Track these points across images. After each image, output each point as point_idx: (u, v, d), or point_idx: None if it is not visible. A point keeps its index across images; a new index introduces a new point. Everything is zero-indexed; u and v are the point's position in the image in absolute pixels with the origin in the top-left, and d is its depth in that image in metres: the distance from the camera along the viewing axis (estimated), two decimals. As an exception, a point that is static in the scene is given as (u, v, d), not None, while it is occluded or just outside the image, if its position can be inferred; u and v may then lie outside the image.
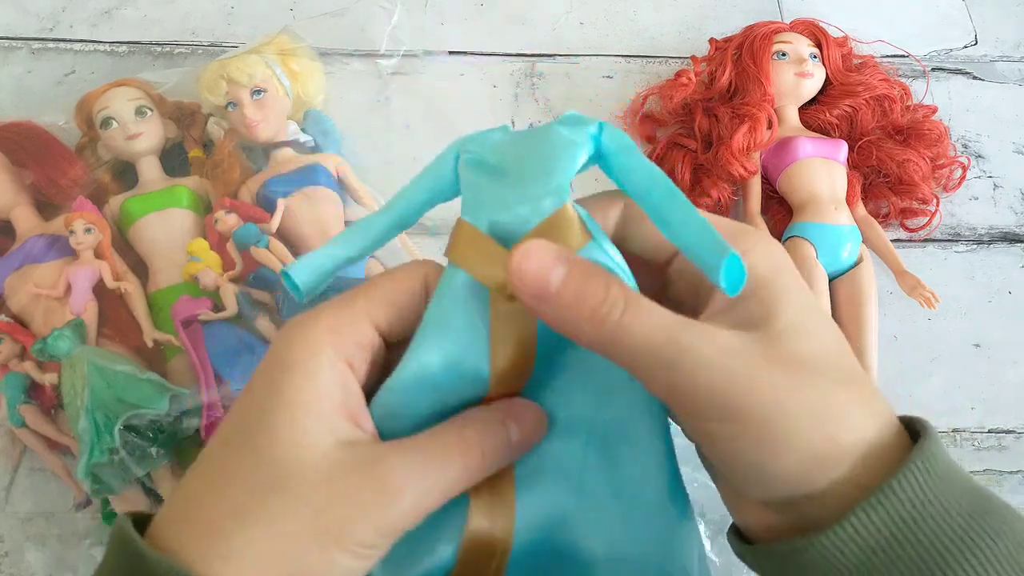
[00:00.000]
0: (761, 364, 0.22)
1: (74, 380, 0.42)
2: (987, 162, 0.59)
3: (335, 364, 0.23)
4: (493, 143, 0.24)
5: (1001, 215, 0.57)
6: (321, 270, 0.25)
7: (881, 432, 0.22)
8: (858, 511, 0.21)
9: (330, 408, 0.22)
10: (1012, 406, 0.50)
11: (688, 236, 0.22)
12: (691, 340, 0.22)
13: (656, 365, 0.22)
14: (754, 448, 0.22)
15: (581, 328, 0.22)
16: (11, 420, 0.43)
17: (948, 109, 0.61)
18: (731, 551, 0.27)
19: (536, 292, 0.22)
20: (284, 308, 0.47)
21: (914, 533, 0.21)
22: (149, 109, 0.52)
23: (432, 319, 0.24)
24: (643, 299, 0.22)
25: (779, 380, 0.22)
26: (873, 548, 0.21)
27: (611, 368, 0.23)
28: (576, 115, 0.24)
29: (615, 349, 0.22)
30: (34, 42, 0.61)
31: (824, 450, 0.22)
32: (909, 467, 0.21)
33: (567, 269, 0.22)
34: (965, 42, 0.65)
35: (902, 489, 0.21)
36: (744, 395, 0.22)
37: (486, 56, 0.61)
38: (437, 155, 0.26)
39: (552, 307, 0.22)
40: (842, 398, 0.22)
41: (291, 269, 0.25)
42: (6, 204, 0.50)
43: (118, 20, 0.62)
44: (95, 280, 0.47)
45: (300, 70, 0.54)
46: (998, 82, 0.63)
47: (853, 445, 0.22)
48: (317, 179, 0.51)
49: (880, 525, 0.21)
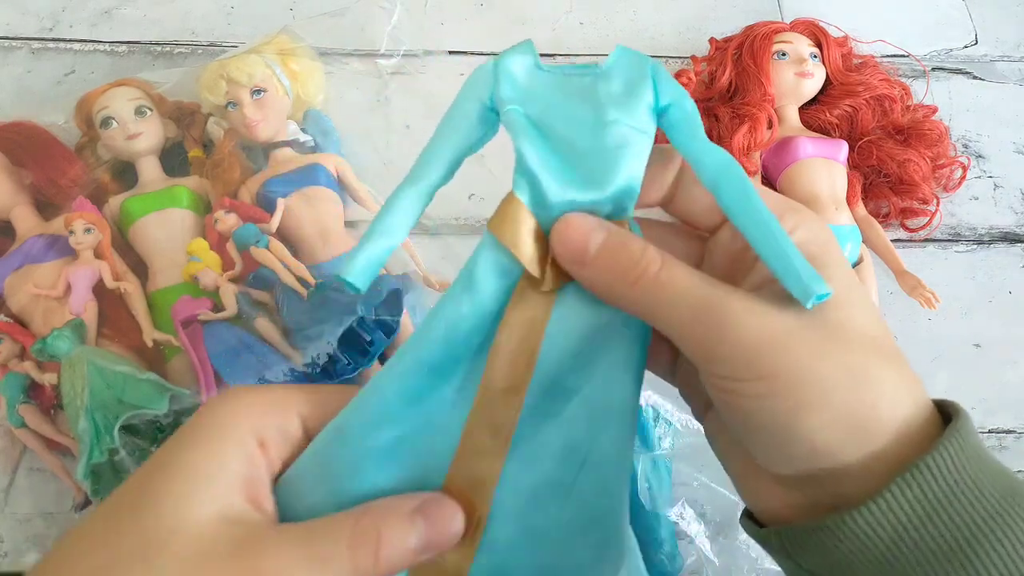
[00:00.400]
0: (800, 326, 0.22)
1: (74, 380, 0.42)
2: (987, 162, 0.59)
3: (244, 440, 0.22)
4: (527, 88, 0.24)
5: (1001, 215, 0.57)
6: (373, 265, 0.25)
7: (917, 410, 0.22)
8: (893, 487, 0.21)
9: (225, 482, 0.21)
10: (1012, 406, 0.50)
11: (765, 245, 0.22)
12: (729, 297, 0.22)
13: (692, 319, 0.22)
14: (784, 407, 0.21)
15: (617, 288, 0.23)
16: (10, 420, 0.43)
17: (948, 109, 0.61)
18: (731, 552, 0.27)
19: (576, 256, 0.23)
20: (283, 308, 0.47)
21: (947, 511, 0.21)
22: (149, 109, 0.52)
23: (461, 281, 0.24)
24: (679, 261, 0.23)
25: (818, 343, 0.22)
26: (905, 526, 0.21)
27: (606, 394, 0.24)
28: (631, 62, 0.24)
29: (651, 305, 0.22)
30: (34, 42, 0.61)
31: (859, 419, 0.22)
32: (944, 445, 0.21)
33: (606, 235, 0.23)
34: (965, 42, 0.65)
35: (937, 467, 0.21)
36: (780, 353, 0.21)
37: (486, 56, 0.61)
38: (455, 105, 0.25)
39: (590, 269, 0.23)
40: (881, 370, 0.22)
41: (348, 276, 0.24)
42: (6, 204, 0.50)
43: (118, 20, 0.62)
44: (95, 280, 0.47)
45: (300, 70, 0.54)
46: (998, 82, 0.63)
47: (889, 418, 0.22)
48: (317, 179, 0.51)
49: (914, 502, 0.21)
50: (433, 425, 0.25)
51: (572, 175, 0.23)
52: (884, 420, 0.22)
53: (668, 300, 0.22)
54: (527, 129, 0.23)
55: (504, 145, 0.24)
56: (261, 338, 0.46)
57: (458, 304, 0.24)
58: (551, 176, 0.23)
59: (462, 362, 0.25)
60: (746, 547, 0.44)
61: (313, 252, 0.49)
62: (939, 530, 0.21)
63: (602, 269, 0.23)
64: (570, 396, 0.25)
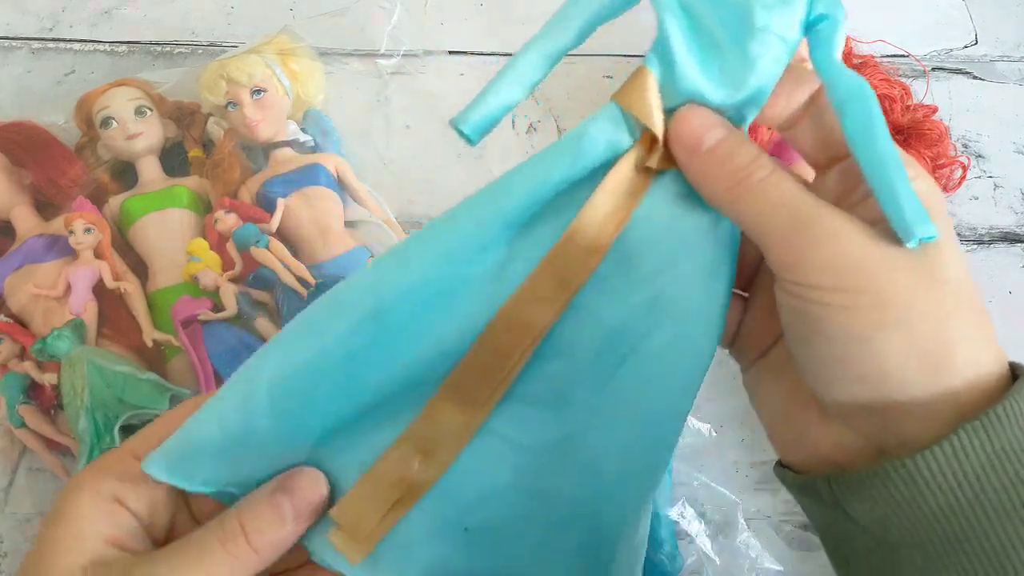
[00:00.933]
0: (898, 255, 0.22)
1: (74, 380, 0.42)
2: (987, 162, 0.59)
3: (98, 503, 0.25)
4: None
5: (1001, 215, 0.57)
6: (488, 119, 0.25)
7: (993, 364, 0.22)
8: (960, 432, 0.20)
9: (91, 539, 0.24)
10: (1012, 406, 0.49)
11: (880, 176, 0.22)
12: (833, 213, 0.22)
13: (790, 227, 0.22)
14: (865, 320, 0.21)
15: (721, 184, 0.23)
16: (10, 420, 0.43)
17: (948, 109, 0.61)
18: (731, 551, 0.27)
19: (691, 144, 0.23)
20: (284, 308, 0.47)
21: (1013, 465, 0.20)
22: (149, 109, 0.52)
23: (563, 145, 0.24)
24: (790, 174, 0.23)
25: (913, 274, 0.22)
26: (967, 476, 0.20)
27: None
28: None
29: (752, 206, 0.23)
30: (34, 42, 0.61)
31: (936, 354, 0.21)
32: (1015, 396, 0.21)
33: (725, 132, 0.23)
34: (965, 42, 0.65)
35: (1007, 416, 0.21)
36: (873, 271, 0.21)
37: (486, 56, 0.61)
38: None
39: (701, 161, 0.23)
40: (967, 316, 0.22)
41: (463, 126, 0.25)
42: (6, 204, 0.50)
43: (118, 20, 0.62)
44: (95, 280, 0.47)
45: (300, 70, 0.54)
46: (998, 82, 0.63)
47: (965, 362, 0.22)
48: (317, 179, 0.51)
49: (979, 451, 0.20)
50: (486, 276, 0.25)
51: (708, 68, 0.23)
52: (960, 363, 0.21)
53: (772, 204, 0.23)
54: (676, 9, 0.24)
55: (505, 146, 0.24)
56: (261, 338, 0.46)
57: (555, 164, 0.24)
58: (688, 62, 0.23)
59: (538, 221, 0.25)
60: (746, 547, 0.44)
61: (313, 252, 0.49)
62: (1003, 484, 0.20)
63: (712, 163, 0.23)
64: (643, 283, 0.25)
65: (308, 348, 0.25)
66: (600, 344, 0.26)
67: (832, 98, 0.24)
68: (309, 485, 0.25)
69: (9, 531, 0.43)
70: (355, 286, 0.25)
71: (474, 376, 0.25)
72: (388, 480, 0.26)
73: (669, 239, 0.25)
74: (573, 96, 0.60)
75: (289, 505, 0.25)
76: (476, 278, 0.25)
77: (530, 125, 0.58)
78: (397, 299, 0.25)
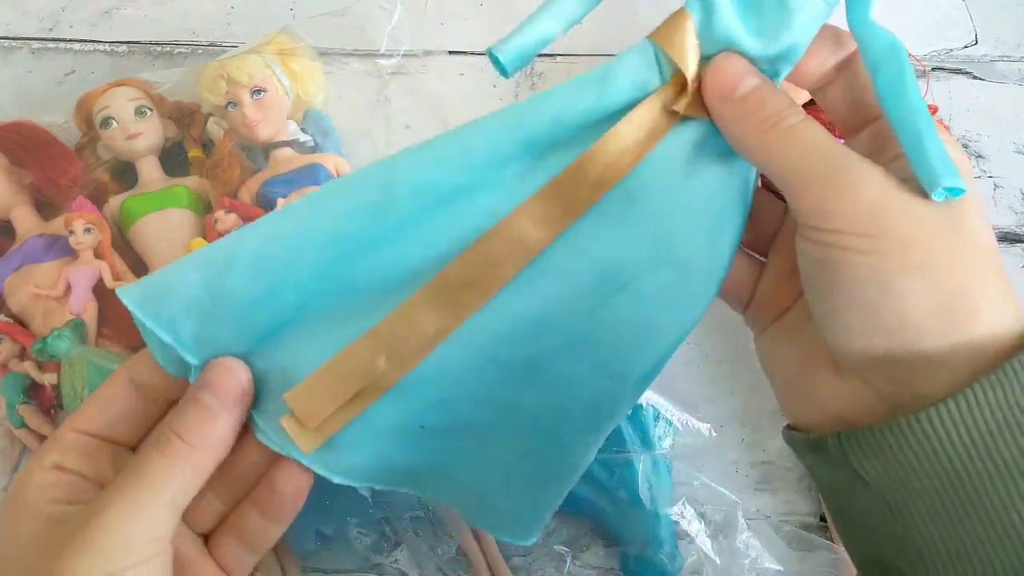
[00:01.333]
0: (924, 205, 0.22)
1: (74, 380, 0.42)
2: (987, 162, 0.59)
3: (39, 474, 0.26)
4: None
5: (1001, 215, 0.57)
6: (525, 51, 0.27)
7: (1013, 319, 0.22)
8: (976, 386, 0.20)
9: (33, 503, 0.25)
10: (1012, 406, 0.49)
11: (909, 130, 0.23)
12: (861, 161, 0.22)
13: (817, 173, 0.22)
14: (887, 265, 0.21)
15: (752, 131, 0.23)
16: (10, 420, 0.43)
17: (948, 109, 0.61)
18: (731, 551, 0.27)
19: (724, 92, 0.24)
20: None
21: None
22: (149, 109, 0.52)
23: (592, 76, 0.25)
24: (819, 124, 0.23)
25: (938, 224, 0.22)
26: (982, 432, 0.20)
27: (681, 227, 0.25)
28: None
29: (781, 151, 0.23)
30: (34, 42, 0.61)
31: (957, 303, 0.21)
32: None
33: (759, 81, 0.24)
34: (965, 42, 0.65)
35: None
36: (898, 217, 0.21)
37: (486, 56, 0.61)
38: None
39: (733, 107, 0.24)
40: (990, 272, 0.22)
41: (499, 53, 0.27)
42: (6, 204, 0.50)
43: (118, 20, 0.62)
44: (95, 280, 0.47)
45: (300, 70, 0.54)
46: (998, 82, 0.63)
47: (986, 313, 0.21)
48: (317, 179, 0.51)
49: (995, 407, 0.20)
50: (493, 189, 0.26)
51: (746, 17, 0.24)
52: (980, 314, 0.21)
53: (803, 148, 0.23)
54: None
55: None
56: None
57: (582, 93, 0.25)
58: (728, 9, 0.24)
59: (554, 146, 0.26)
60: (746, 547, 0.44)
61: (313, 252, 0.49)
62: (1018, 441, 0.20)
63: (744, 110, 0.23)
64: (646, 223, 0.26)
65: (304, 219, 0.25)
66: (593, 275, 0.26)
67: (865, 57, 0.24)
68: (224, 374, 0.25)
69: (9, 531, 0.43)
70: (368, 173, 0.25)
71: (459, 280, 0.25)
72: (349, 371, 0.25)
73: (680, 185, 0.25)
74: (573, 96, 0.60)
75: (210, 396, 0.25)
76: (484, 190, 0.26)
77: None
78: (405, 194, 0.25)
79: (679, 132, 0.25)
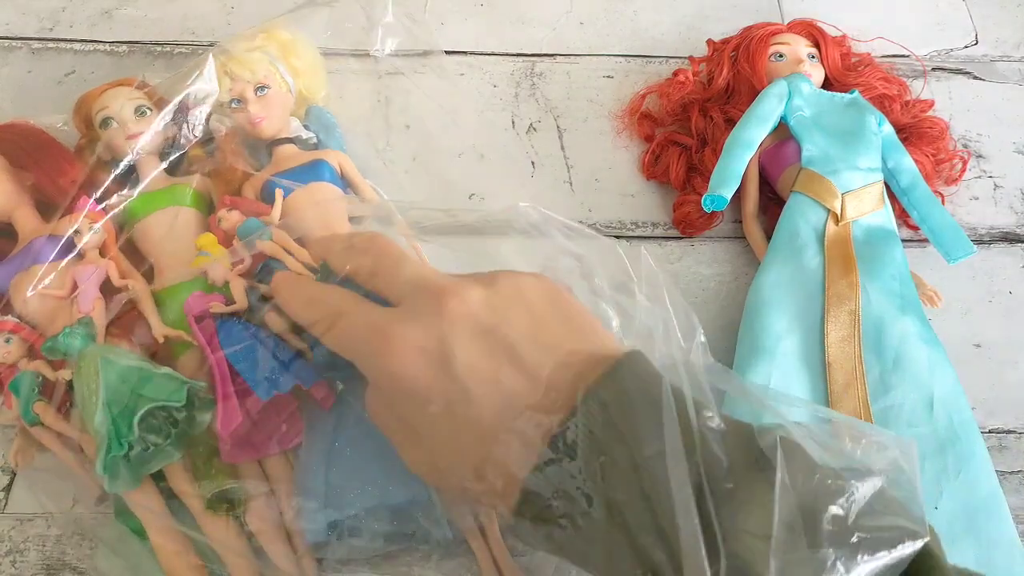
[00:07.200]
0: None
1: (87, 377, 0.42)
2: (987, 162, 0.59)
3: None
4: (809, 97, 0.54)
5: (1001, 215, 0.57)
6: (734, 175, 0.49)
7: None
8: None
9: None
10: (1012, 406, 0.50)
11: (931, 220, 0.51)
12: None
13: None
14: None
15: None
16: (25, 418, 0.43)
17: (949, 109, 0.61)
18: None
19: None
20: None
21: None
22: (149, 109, 0.52)
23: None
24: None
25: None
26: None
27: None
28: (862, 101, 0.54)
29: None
30: (34, 42, 0.61)
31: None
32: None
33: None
34: (965, 42, 0.65)
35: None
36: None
37: (486, 56, 0.61)
38: (761, 98, 0.53)
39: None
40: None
41: (717, 193, 0.49)
42: (7, 206, 0.50)
43: (118, 20, 0.62)
44: (102, 279, 0.47)
45: (302, 66, 0.54)
46: (998, 82, 0.63)
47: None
48: (321, 175, 0.51)
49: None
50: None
51: (845, 159, 0.51)
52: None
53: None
54: (809, 125, 0.52)
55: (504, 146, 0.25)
56: (271, 333, 0.45)
57: (798, 222, 0.50)
58: (829, 157, 0.51)
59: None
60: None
61: (317, 249, 0.49)
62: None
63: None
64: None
65: None
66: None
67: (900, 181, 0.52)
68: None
69: (9, 531, 0.43)
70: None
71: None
72: None
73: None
74: (573, 96, 0.60)
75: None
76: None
77: (530, 125, 0.58)
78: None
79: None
